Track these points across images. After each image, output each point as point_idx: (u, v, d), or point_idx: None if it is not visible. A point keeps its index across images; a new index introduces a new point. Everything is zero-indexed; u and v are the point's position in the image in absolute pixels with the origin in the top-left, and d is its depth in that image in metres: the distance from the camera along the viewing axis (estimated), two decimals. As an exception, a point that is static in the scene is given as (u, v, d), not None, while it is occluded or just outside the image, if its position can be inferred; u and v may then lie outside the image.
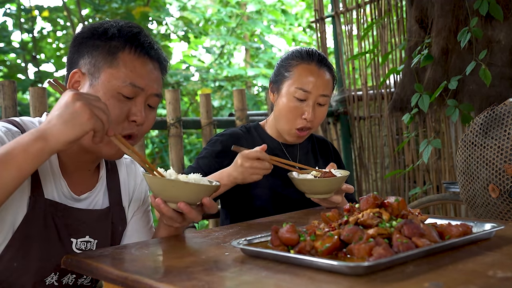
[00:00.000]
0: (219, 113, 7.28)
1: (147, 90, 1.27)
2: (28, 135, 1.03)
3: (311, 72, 1.77)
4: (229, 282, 0.85)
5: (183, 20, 7.30)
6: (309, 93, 1.75)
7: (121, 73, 1.24)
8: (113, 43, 1.26)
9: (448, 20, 2.83)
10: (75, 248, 1.28)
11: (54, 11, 6.21)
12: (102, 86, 1.23)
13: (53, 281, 1.25)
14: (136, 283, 0.88)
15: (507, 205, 2.04)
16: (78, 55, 1.28)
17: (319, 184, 1.55)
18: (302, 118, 1.76)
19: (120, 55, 1.25)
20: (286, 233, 0.98)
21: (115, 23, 1.30)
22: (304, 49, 1.84)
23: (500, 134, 2.03)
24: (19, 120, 1.26)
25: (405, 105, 3.11)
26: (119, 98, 1.23)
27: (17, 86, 2.41)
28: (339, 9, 4.16)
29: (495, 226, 1.05)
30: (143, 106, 1.27)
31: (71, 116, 1.03)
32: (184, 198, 1.17)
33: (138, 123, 1.27)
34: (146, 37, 1.31)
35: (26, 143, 1.02)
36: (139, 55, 1.27)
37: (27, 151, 1.01)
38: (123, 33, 1.27)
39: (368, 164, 4.04)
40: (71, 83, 1.27)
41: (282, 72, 1.82)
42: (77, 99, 1.04)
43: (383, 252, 0.86)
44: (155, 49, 1.31)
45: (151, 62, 1.30)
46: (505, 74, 2.67)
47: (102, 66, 1.24)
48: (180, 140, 2.95)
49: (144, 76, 1.26)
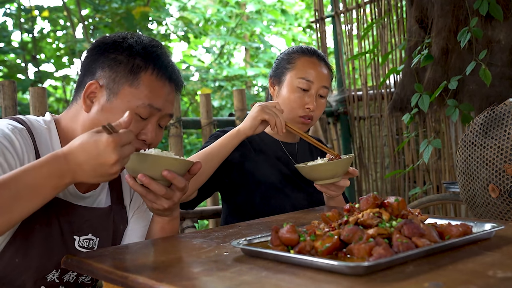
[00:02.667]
0: (219, 113, 7.28)
1: (163, 111, 1.29)
2: (55, 172, 1.02)
3: (313, 64, 1.85)
4: (229, 282, 0.85)
5: (183, 20, 7.30)
6: (311, 83, 1.82)
7: (141, 94, 1.25)
8: (136, 61, 1.26)
9: (448, 20, 2.83)
10: (78, 246, 1.29)
11: (54, 11, 6.21)
12: (120, 103, 1.24)
13: (54, 278, 1.26)
14: (136, 283, 0.88)
15: (507, 205, 2.04)
16: (97, 65, 1.28)
17: (328, 168, 1.57)
18: (305, 108, 1.81)
19: (142, 75, 1.26)
20: (286, 233, 0.99)
21: (139, 39, 1.30)
22: (304, 46, 1.92)
23: (500, 134, 2.03)
24: (24, 118, 1.26)
25: (405, 105, 3.11)
26: (135, 118, 1.24)
27: (17, 86, 2.41)
28: (339, 9, 4.16)
29: (495, 226, 1.05)
30: (155, 127, 1.29)
31: (101, 173, 1.03)
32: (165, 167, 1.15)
33: (147, 142, 1.28)
34: (168, 58, 1.32)
35: (54, 182, 1.02)
36: (161, 77, 1.28)
37: (55, 187, 1.03)
38: (147, 53, 1.28)
39: (368, 164, 4.04)
40: (87, 93, 1.26)
41: (284, 64, 1.88)
42: (114, 154, 1.02)
43: (383, 252, 0.86)
44: (176, 73, 1.33)
45: (169, 84, 1.31)
46: (505, 74, 2.67)
47: (122, 83, 1.25)
48: (180, 140, 2.95)
49: (162, 97, 1.28)
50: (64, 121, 1.32)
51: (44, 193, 1.02)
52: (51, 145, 1.27)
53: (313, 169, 1.60)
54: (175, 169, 1.17)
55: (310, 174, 1.62)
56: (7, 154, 1.14)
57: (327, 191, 1.66)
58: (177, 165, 1.17)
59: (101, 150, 1.00)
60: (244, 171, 1.79)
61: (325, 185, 1.64)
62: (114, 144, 1.00)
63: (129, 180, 1.20)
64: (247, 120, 1.62)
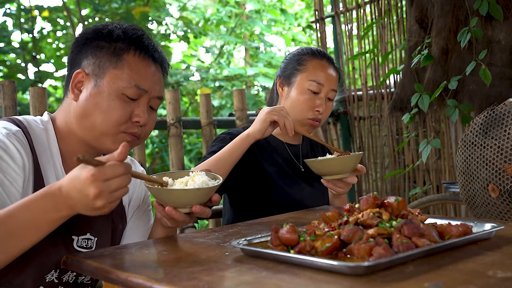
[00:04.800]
0: (219, 113, 7.28)
1: (150, 92, 1.30)
2: (50, 206, 1.02)
3: (324, 67, 1.85)
4: (229, 282, 0.85)
5: (183, 20, 7.30)
6: (322, 86, 1.83)
7: (126, 75, 1.26)
8: (118, 44, 1.28)
9: (448, 20, 2.83)
10: (76, 246, 1.29)
11: (54, 11, 6.21)
12: (107, 86, 1.25)
13: (53, 279, 1.25)
14: (136, 283, 0.88)
15: (507, 205, 2.04)
16: (81, 56, 1.30)
17: (338, 163, 1.59)
18: (314, 110, 1.82)
19: (125, 56, 1.27)
20: (286, 233, 0.98)
21: (119, 25, 1.32)
22: (314, 48, 1.93)
23: (500, 134, 2.03)
24: (21, 119, 1.26)
25: (405, 105, 3.11)
26: (123, 99, 1.26)
27: (17, 86, 2.41)
28: (339, 9, 4.16)
29: (495, 226, 1.05)
30: (145, 108, 1.30)
31: (89, 207, 1.02)
32: (195, 201, 1.21)
33: (141, 123, 1.29)
34: (149, 39, 1.33)
35: (51, 216, 1.03)
36: (143, 57, 1.30)
37: (51, 221, 1.04)
38: (128, 35, 1.29)
39: (368, 164, 4.04)
40: (74, 83, 1.28)
41: (294, 65, 1.88)
42: (97, 201, 1.00)
43: (383, 252, 0.86)
44: (158, 52, 1.34)
45: (154, 64, 1.32)
46: (505, 74, 2.67)
47: (107, 67, 1.26)
48: (180, 140, 2.95)
49: (148, 78, 1.29)
50: (59, 118, 1.33)
51: (41, 228, 1.03)
52: (48, 146, 1.27)
53: (323, 163, 1.60)
54: (200, 199, 1.22)
55: (320, 168, 1.63)
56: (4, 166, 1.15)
57: (334, 187, 1.67)
58: (201, 195, 1.21)
59: (82, 183, 0.99)
60: (250, 173, 1.79)
61: (332, 181, 1.65)
62: (93, 178, 0.98)
63: (172, 211, 1.22)
64: (256, 123, 1.62)
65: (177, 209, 1.22)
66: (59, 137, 1.30)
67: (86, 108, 1.25)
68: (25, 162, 1.19)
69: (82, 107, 1.26)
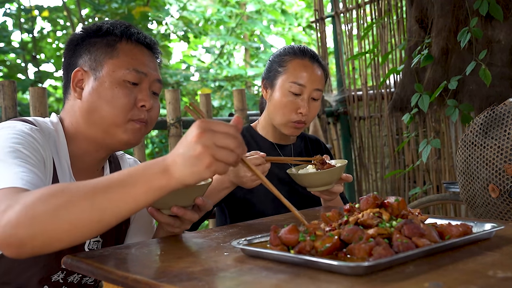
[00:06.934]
0: (219, 113, 7.28)
1: (149, 75, 1.32)
2: (154, 168, 0.94)
3: (305, 67, 1.78)
4: (229, 282, 0.85)
5: (183, 20, 7.31)
6: (304, 87, 1.76)
7: (123, 61, 1.29)
8: (109, 37, 1.31)
9: (448, 20, 2.83)
10: (87, 248, 1.30)
11: (54, 11, 6.21)
12: (107, 77, 1.27)
13: (59, 279, 1.26)
14: (136, 283, 0.88)
15: (507, 205, 2.04)
16: (76, 57, 1.32)
17: (321, 177, 1.55)
18: (297, 112, 1.77)
19: (118, 45, 1.30)
20: (286, 233, 0.98)
21: (106, 22, 1.36)
22: (296, 46, 1.86)
23: (500, 134, 2.03)
24: (32, 120, 1.27)
25: (405, 105, 3.11)
26: (125, 86, 1.28)
27: (17, 86, 2.41)
28: (339, 9, 4.16)
29: (495, 226, 1.05)
30: (148, 91, 1.32)
31: (190, 162, 0.91)
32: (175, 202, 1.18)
33: (146, 107, 1.30)
34: (137, 29, 1.38)
35: (151, 176, 0.93)
36: (136, 44, 1.33)
37: (150, 185, 0.93)
38: (116, 27, 1.33)
39: (368, 164, 4.04)
40: (75, 82, 1.30)
41: (275, 67, 1.82)
42: (199, 141, 0.90)
43: (383, 252, 0.86)
44: (148, 38, 1.38)
45: (146, 49, 1.36)
46: (505, 74, 2.67)
47: (103, 59, 1.29)
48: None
49: (144, 62, 1.32)
50: (65, 119, 1.34)
51: (136, 191, 0.93)
52: (59, 147, 1.28)
53: (305, 177, 1.56)
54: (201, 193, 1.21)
55: (302, 181, 1.59)
56: (38, 147, 1.16)
57: (321, 195, 1.65)
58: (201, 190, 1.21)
59: (187, 134, 0.93)
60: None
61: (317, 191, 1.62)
62: (199, 123, 0.92)
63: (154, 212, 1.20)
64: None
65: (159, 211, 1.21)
66: (68, 138, 1.31)
67: (91, 102, 1.27)
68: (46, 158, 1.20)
69: (87, 102, 1.27)
